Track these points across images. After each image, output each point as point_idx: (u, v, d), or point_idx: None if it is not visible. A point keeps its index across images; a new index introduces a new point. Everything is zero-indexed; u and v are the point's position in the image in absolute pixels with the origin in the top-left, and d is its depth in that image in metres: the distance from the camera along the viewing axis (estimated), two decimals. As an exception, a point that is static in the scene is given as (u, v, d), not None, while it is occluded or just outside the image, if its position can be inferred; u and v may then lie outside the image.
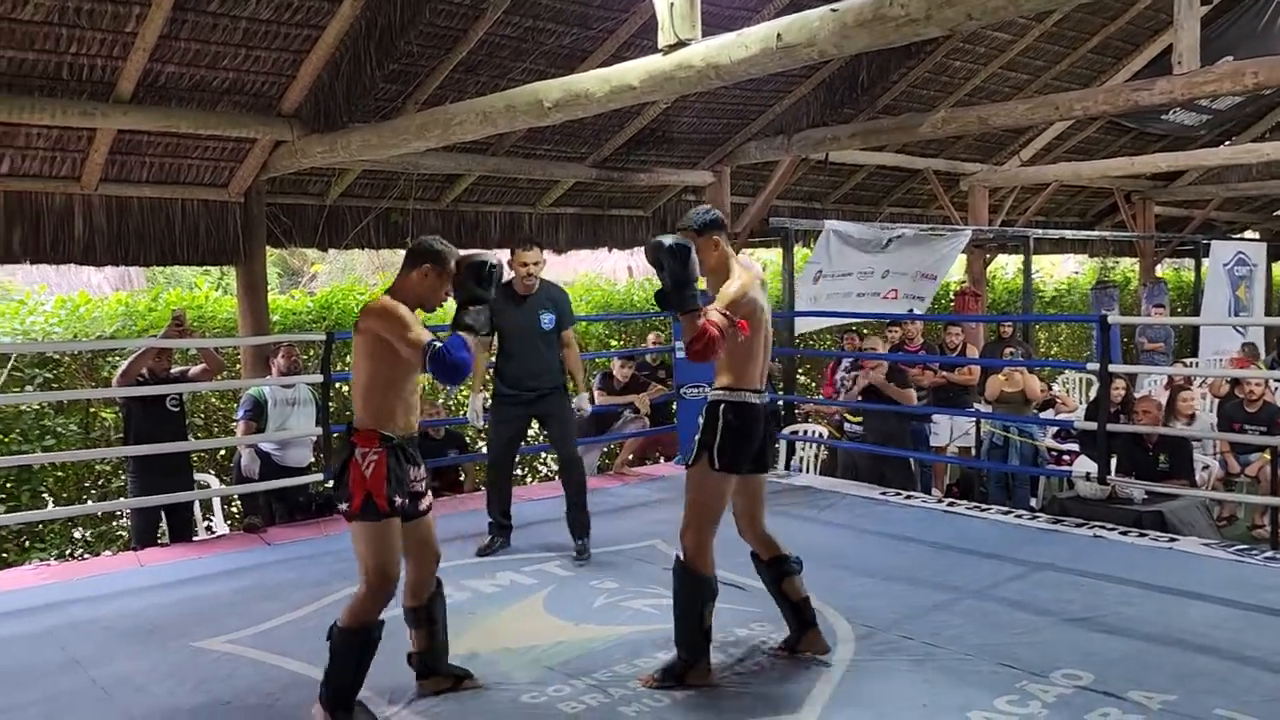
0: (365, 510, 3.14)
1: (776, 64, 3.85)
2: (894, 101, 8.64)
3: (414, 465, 3.29)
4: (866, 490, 6.56)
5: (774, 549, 3.73)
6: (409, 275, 3.28)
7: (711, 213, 3.60)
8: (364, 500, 3.13)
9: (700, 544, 3.49)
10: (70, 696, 3.54)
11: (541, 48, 6.52)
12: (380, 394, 3.19)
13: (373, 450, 3.15)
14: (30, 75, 5.19)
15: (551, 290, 5.28)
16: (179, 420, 5.80)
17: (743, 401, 3.51)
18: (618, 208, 9.08)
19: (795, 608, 3.72)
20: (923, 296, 9.17)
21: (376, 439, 3.17)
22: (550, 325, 5.18)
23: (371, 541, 3.16)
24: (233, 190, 6.56)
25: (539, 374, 5.17)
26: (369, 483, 3.12)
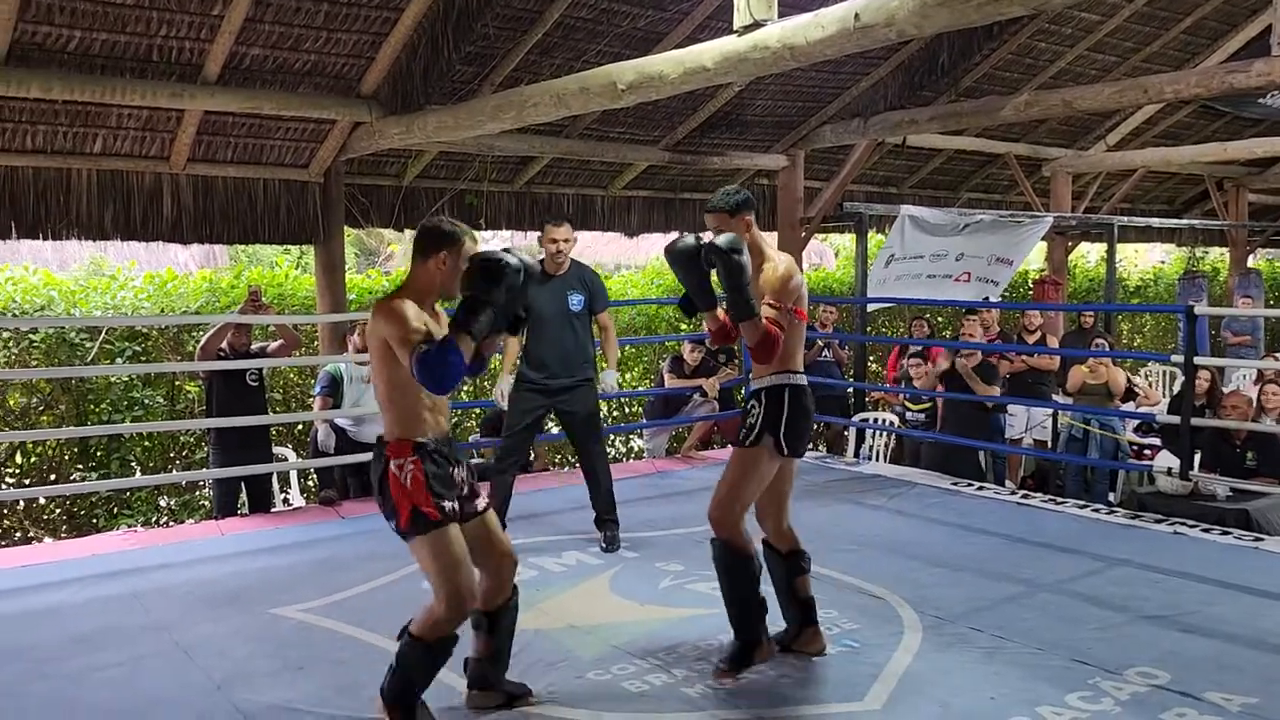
0: (415, 523, 2.91)
1: (854, 45, 3.79)
2: (975, 84, 8.45)
3: (455, 466, 3.05)
4: (937, 480, 6.47)
5: (794, 542, 3.64)
6: (425, 264, 3.02)
7: (742, 192, 3.50)
8: (411, 513, 2.90)
9: (737, 523, 3.45)
10: (153, 657, 3.68)
11: (616, 30, 6.52)
12: (403, 398, 2.95)
13: (408, 459, 2.93)
14: (122, 57, 5.35)
15: (583, 271, 5.08)
16: (258, 395, 5.98)
17: (801, 385, 3.49)
18: (690, 191, 9.05)
19: (802, 605, 3.63)
20: (997, 281, 8.95)
21: (409, 447, 2.94)
22: (580, 306, 4.95)
23: (434, 555, 2.92)
24: (313, 171, 6.70)
25: (565, 360, 4.93)
26: (411, 494, 2.90)
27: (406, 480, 2.91)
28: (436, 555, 2.92)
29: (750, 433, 3.45)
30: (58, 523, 6.59)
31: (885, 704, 3.24)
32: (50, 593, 4.41)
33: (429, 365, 2.78)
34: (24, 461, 6.56)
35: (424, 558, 2.95)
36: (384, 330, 2.89)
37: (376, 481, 2.99)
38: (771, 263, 3.44)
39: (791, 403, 3.44)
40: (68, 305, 6.63)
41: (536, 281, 4.66)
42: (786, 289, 3.38)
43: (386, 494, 2.94)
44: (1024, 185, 10.13)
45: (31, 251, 10.30)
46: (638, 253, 15.13)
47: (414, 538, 2.93)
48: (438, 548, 2.92)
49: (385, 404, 3.00)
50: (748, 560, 3.45)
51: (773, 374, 3.47)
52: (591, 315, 5.04)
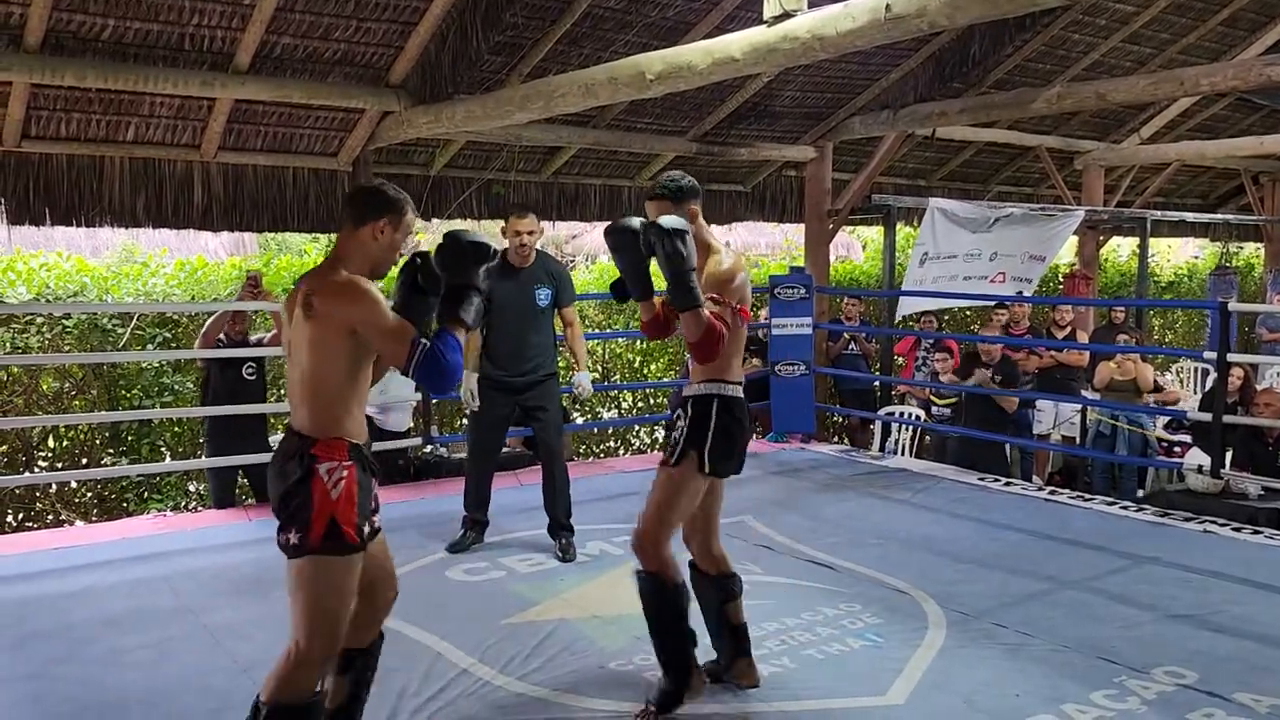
0: (328, 542, 2.42)
1: (884, 36, 3.76)
2: (1006, 76, 8.35)
3: (375, 476, 2.62)
4: (964, 475, 6.43)
5: (723, 566, 3.32)
6: (357, 232, 2.57)
7: (688, 178, 3.18)
8: (328, 528, 2.42)
9: (663, 553, 3.11)
10: (180, 640, 3.73)
11: (645, 20, 6.49)
12: (339, 391, 2.50)
13: (341, 464, 2.46)
14: (155, 46, 5.40)
15: (549, 263, 4.88)
16: (256, 388, 5.87)
17: (734, 397, 3.14)
18: (717, 182, 9.01)
19: (734, 632, 3.32)
20: (1030, 279, 8.88)
21: (344, 449, 2.48)
22: (546, 301, 4.73)
23: (326, 585, 2.45)
24: (342, 159, 6.74)
25: (530, 356, 4.72)
26: (336, 506, 2.43)
27: (335, 489, 2.45)
28: (328, 583, 2.45)
29: (674, 450, 3.12)
30: (89, 506, 6.69)
31: (908, 699, 3.23)
32: (81, 575, 4.47)
33: (438, 365, 2.45)
34: (57, 445, 6.66)
35: (310, 583, 2.45)
36: (354, 314, 2.47)
37: (289, 483, 2.47)
38: (717, 256, 3.12)
39: (719, 415, 3.10)
40: (100, 291, 6.71)
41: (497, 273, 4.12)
42: (731, 285, 3.07)
43: (304, 499, 2.44)
44: (1055, 178, 10.01)
45: (65, 238, 10.42)
46: (664, 244, 15.09)
47: (313, 557, 2.44)
48: (336, 577, 2.46)
49: (322, 396, 2.51)
50: (676, 592, 3.13)
51: (703, 381, 3.14)
52: (557, 310, 4.83)
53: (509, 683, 3.35)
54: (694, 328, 2.94)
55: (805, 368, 7.49)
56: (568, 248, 19.64)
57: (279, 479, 2.52)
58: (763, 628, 3.76)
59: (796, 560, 4.66)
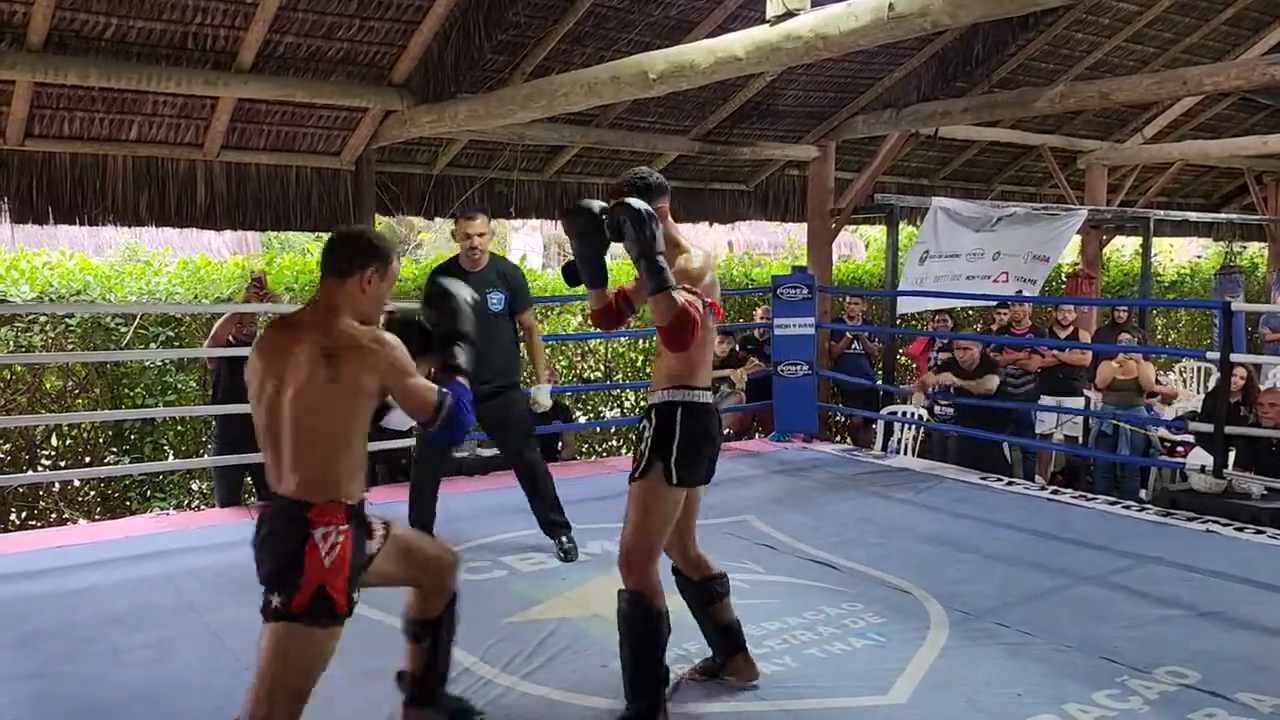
0: (314, 610, 2.30)
1: (887, 35, 3.76)
2: (1010, 75, 8.34)
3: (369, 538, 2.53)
4: (966, 474, 6.43)
5: (705, 569, 3.24)
6: (344, 284, 2.45)
7: (656, 175, 3.09)
8: (314, 596, 2.30)
9: (650, 571, 2.99)
10: (184, 639, 3.73)
11: (648, 19, 6.49)
12: (348, 451, 2.41)
13: (338, 528, 2.35)
14: (158, 45, 5.40)
15: (502, 265, 4.67)
16: None
17: (699, 403, 3.00)
18: (720, 181, 9.01)
19: (725, 631, 3.27)
20: (1034, 279, 8.88)
21: (342, 512, 2.37)
22: (500, 306, 4.51)
23: (299, 656, 2.34)
24: (344, 158, 6.74)
25: (486, 365, 4.40)
26: (327, 574, 2.32)
27: (329, 556, 2.32)
28: (304, 656, 2.34)
29: (639, 462, 2.99)
30: (92, 505, 6.70)
31: (910, 698, 3.23)
32: (84, 574, 4.48)
33: (459, 422, 2.45)
34: (60, 444, 6.67)
35: (284, 653, 2.33)
36: (391, 376, 2.42)
37: (281, 549, 2.35)
38: (686, 254, 3.02)
39: (684, 423, 2.95)
40: (103, 290, 6.72)
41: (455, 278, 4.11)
42: (702, 283, 2.96)
43: (296, 565, 2.32)
44: (1058, 178, 10.01)
45: (68, 237, 10.43)
46: (666, 243, 15.08)
47: (291, 624, 2.32)
48: (316, 646, 2.35)
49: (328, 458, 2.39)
50: (656, 615, 2.99)
51: (666, 388, 3.00)
52: (513, 316, 4.63)
53: (511, 682, 3.35)
54: (665, 310, 2.80)
55: (808, 367, 7.49)
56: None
57: (269, 554, 2.38)
58: (764, 627, 3.76)
59: (798, 559, 4.66)
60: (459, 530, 4.89)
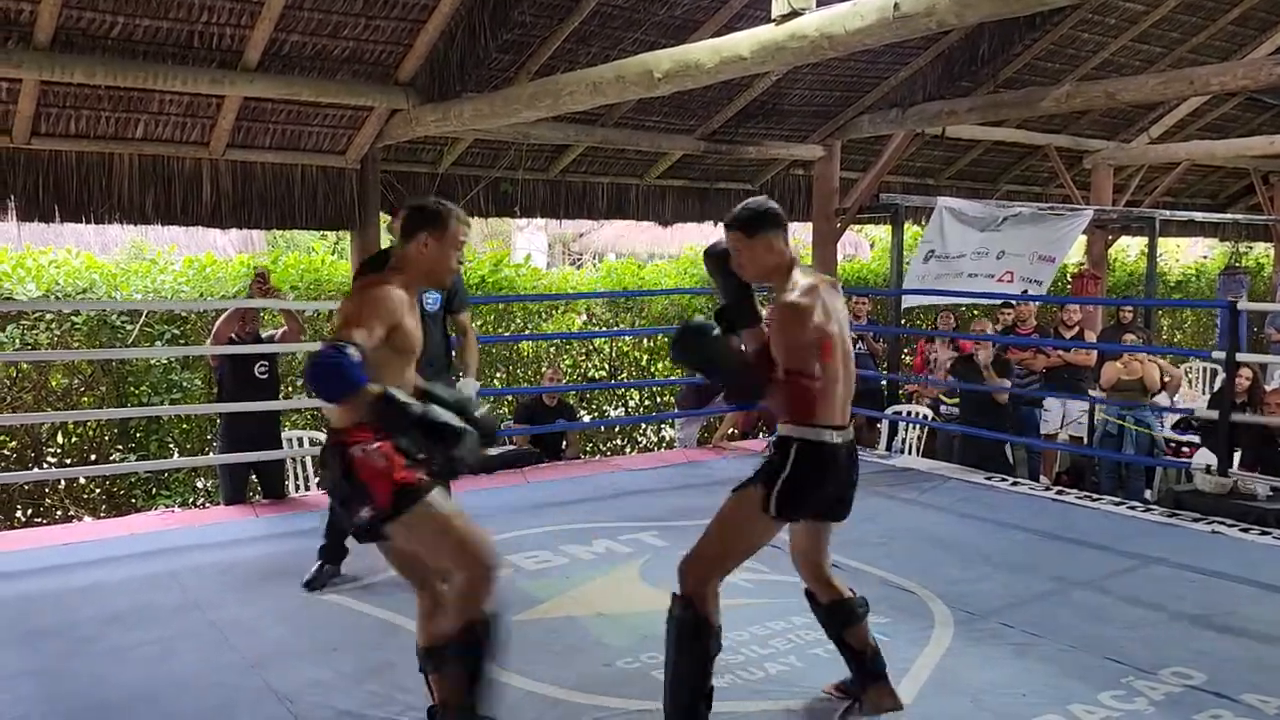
0: (400, 499, 2.58)
1: (893, 35, 3.75)
2: (1016, 75, 8.33)
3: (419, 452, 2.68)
4: (971, 474, 6.42)
5: (835, 592, 3.10)
6: (406, 249, 2.80)
7: (766, 204, 2.97)
8: (393, 490, 2.57)
9: (711, 584, 2.88)
10: (188, 637, 3.74)
11: (653, 18, 6.49)
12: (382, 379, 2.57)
13: (372, 440, 2.59)
14: (164, 44, 5.41)
15: None
16: (269, 387, 5.85)
17: (821, 442, 2.86)
18: (725, 181, 9.01)
19: (859, 657, 3.11)
20: (1040, 280, 8.85)
21: (370, 432, 2.60)
22: (435, 307, 4.46)
23: (430, 526, 2.61)
24: (350, 157, 6.75)
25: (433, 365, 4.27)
26: (387, 470, 2.58)
27: (377, 458, 2.58)
28: (429, 524, 2.61)
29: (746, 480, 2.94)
30: (97, 502, 6.71)
31: (915, 698, 3.23)
32: (89, 571, 4.49)
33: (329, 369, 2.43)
34: (65, 441, 6.68)
35: (417, 536, 2.64)
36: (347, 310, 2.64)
37: (337, 475, 2.63)
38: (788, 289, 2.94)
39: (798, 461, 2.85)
40: (109, 288, 6.73)
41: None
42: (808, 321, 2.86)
43: (354, 481, 2.59)
44: (1064, 178, 9.99)
45: (74, 235, 10.45)
46: (671, 243, 15.10)
47: (399, 519, 2.59)
48: (430, 515, 2.60)
49: None
50: (704, 630, 2.85)
51: (788, 422, 2.91)
52: (449, 315, 4.56)
53: (516, 680, 3.34)
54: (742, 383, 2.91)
55: (812, 366, 7.47)
56: (575, 246, 19.64)
57: (326, 471, 2.72)
58: (769, 626, 3.76)
59: (803, 559, 4.65)
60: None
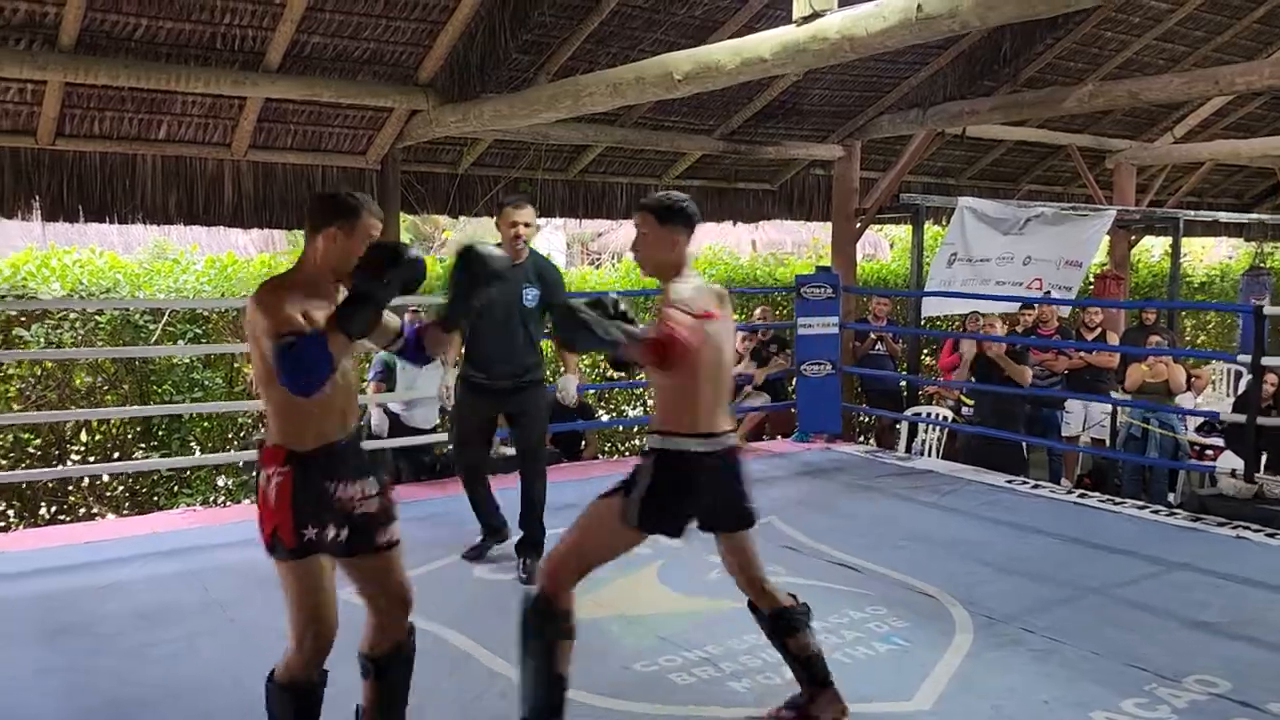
0: (273, 546, 2.50)
1: (915, 36, 3.73)
2: (1038, 74, 8.27)
3: (350, 480, 2.57)
4: (991, 477, 6.38)
5: (775, 601, 3.05)
6: (314, 242, 2.60)
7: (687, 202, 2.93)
8: (271, 534, 2.49)
9: (568, 581, 2.85)
10: (210, 636, 3.76)
11: (673, 19, 6.48)
12: (283, 396, 2.46)
13: (277, 470, 2.49)
14: (187, 45, 5.45)
15: (539, 261, 4.57)
16: None
17: (681, 452, 2.78)
18: (744, 181, 9.00)
19: (806, 665, 3.05)
20: (1070, 286, 8.78)
21: (282, 455, 2.50)
22: (534, 302, 4.41)
23: (286, 585, 2.53)
24: (370, 158, 6.77)
25: (512, 359, 4.41)
26: (275, 512, 2.48)
27: (272, 494, 2.49)
28: (290, 583, 2.53)
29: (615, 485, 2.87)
30: (120, 500, 6.76)
31: (935, 704, 3.21)
32: (112, 569, 4.52)
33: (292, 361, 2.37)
34: (89, 439, 6.74)
35: (284, 583, 2.54)
36: (257, 322, 2.47)
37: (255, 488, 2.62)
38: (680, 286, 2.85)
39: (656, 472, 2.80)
40: (132, 288, 6.78)
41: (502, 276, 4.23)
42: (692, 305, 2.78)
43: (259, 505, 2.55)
44: (1087, 178, 9.91)
45: (98, 235, 10.54)
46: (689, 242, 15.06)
47: (273, 556, 2.53)
48: (294, 577, 2.52)
49: (266, 403, 2.58)
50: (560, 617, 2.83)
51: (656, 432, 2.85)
52: (545, 312, 4.50)
53: (534, 682, 3.35)
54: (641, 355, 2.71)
55: (832, 367, 7.46)
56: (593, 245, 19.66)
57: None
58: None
59: (822, 562, 4.64)
60: (478, 529, 4.89)
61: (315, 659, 2.58)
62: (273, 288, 2.54)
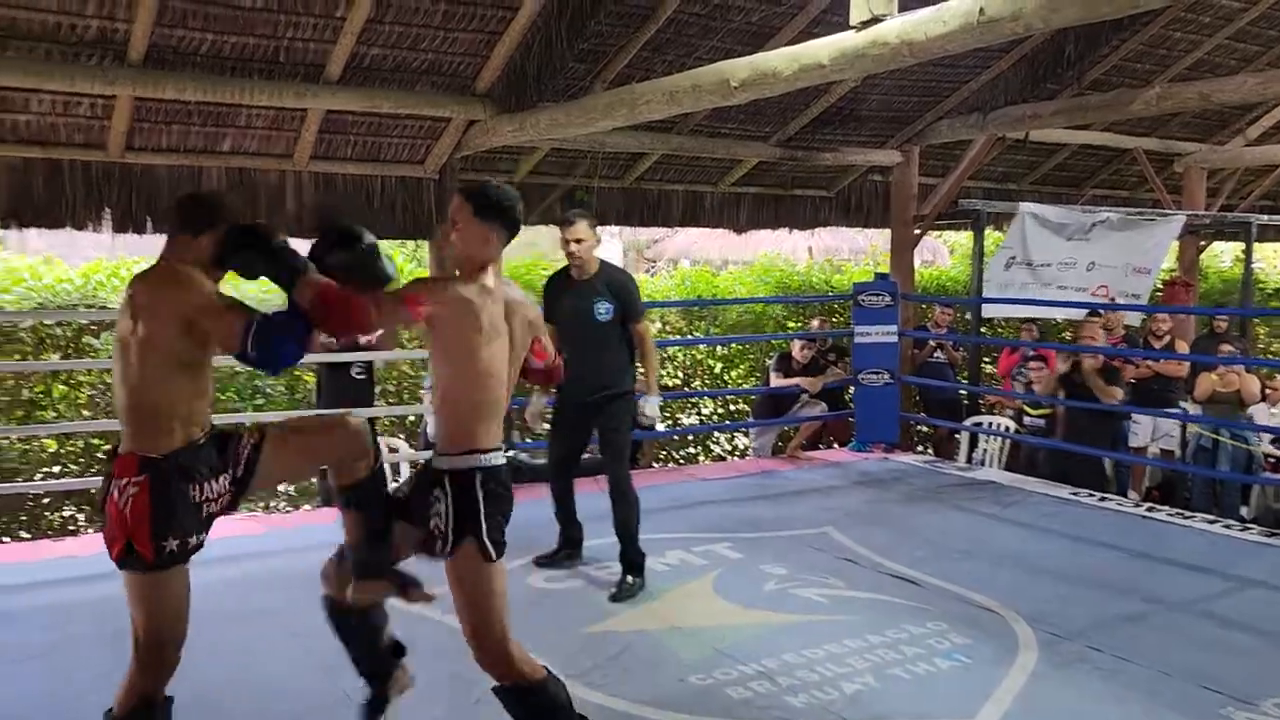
0: (125, 560, 2.42)
1: (977, 40, 3.66)
2: (1103, 76, 8.08)
3: (211, 478, 2.53)
4: (1055, 489, 6.24)
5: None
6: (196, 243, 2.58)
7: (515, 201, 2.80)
8: (124, 547, 2.41)
9: (507, 653, 2.66)
10: (268, 640, 3.82)
11: (729, 25, 6.45)
12: (161, 393, 2.43)
13: (132, 480, 2.41)
14: (251, 59, 5.55)
15: (612, 274, 4.56)
16: (365, 388, 6.04)
17: (499, 466, 2.68)
18: (800, 187, 8.92)
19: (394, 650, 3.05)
20: (1138, 294, 8.54)
21: (135, 464, 2.42)
22: (607, 316, 4.42)
23: (141, 600, 2.45)
24: (428, 167, 6.84)
25: (595, 373, 4.43)
26: (129, 524, 2.40)
27: (125, 506, 2.41)
28: (142, 598, 2.46)
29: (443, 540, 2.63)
30: (186, 504, 6.90)
31: (998, 724, 3.13)
32: (177, 573, 4.60)
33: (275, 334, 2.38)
34: (156, 445, 6.88)
35: (130, 595, 2.47)
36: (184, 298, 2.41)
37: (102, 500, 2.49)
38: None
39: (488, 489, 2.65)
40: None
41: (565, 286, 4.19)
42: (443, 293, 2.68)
43: (107, 519, 2.46)
44: (1154, 182, 9.65)
45: (165, 244, 10.81)
46: (745, 249, 14.99)
47: (126, 572, 2.46)
48: (148, 592, 2.45)
49: (134, 403, 2.46)
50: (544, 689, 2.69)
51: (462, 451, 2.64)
52: (624, 325, 4.50)
53: (588, 693, 3.34)
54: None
55: (890, 376, 7.36)
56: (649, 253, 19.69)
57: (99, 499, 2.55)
58: (846, 644, 3.69)
59: (880, 575, 4.57)
60: (537, 537, 4.89)
61: (166, 675, 2.52)
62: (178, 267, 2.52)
